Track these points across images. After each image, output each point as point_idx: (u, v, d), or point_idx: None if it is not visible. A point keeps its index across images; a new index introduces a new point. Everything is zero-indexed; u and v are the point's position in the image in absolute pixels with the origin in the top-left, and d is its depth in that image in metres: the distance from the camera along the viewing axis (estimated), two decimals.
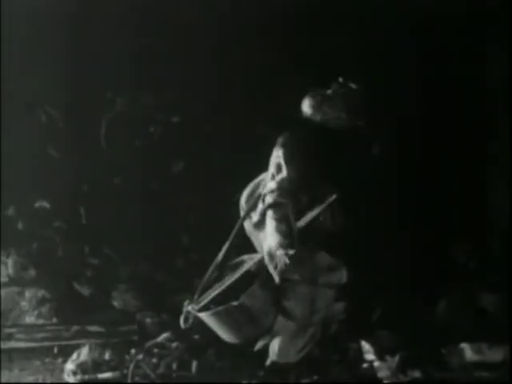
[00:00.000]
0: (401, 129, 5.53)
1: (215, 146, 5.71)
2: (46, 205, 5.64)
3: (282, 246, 3.90)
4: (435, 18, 5.54)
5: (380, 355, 4.34)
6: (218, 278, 4.15)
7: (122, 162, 5.71)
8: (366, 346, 4.47)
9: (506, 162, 5.46)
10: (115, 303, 5.43)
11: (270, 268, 3.95)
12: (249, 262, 4.16)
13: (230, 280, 4.11)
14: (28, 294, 5.37)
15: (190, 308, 4.08)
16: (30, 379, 4.35)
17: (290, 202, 4.03)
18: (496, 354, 4.33)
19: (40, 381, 4.33)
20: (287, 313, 4.10)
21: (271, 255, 3.93)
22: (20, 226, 5.59)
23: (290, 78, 5.38)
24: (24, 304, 5.34)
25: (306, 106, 4.24)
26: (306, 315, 4.10)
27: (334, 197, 4.06)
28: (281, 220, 3.99)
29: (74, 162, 5.67)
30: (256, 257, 4.15)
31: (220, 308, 3.98)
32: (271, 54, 5.59)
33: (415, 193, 5.48)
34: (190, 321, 4.08)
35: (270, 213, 4.04)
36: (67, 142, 5.73)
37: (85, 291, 5.47)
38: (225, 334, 4.07)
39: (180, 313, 4.13)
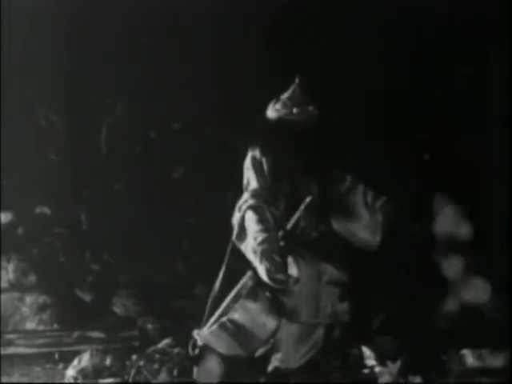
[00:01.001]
0: (400, 128, 5.54)
1: (215, 152, 5.72)
2: (46, 210, 5.64)
3: (263, 241, 3.93)
4: (435, 17, 5.55)
5: (381, 361, 4.34)
6: (220, 302, 4.15)
7: (122, 167, 5.71)
8: (366, 351, 4.47)
9: (506, 162, 5.47)
10: (116, 309, 5.42)
11: (259, 269, 3.95)
12: (244, 277, 4.16)
13: (228, 298, 4.12)
14: (29, 299, 5.36)
15: (195, 334, 4.10)
16: None
17: (265, 206, 4.07)
18: (497, 360, 4.34)
19: None
20: (290, 314, 4.10)
21: (254, 253, 3.95)
22: (20, 231, 5.60)
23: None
24: (25, 310, 5.33)
25: (269, 112, 4.27)
26: (311, 315, 4.10)
27: (309, 199, 4.06)
28: (259, 220, 4.02)
29: (75, 167, 5.67)
30: (250, 269, 4.16)
31: (214, 327, 4.00)
32: (273, 58, 5.60)
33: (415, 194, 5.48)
34: (197, 350, 4.11)
35: (247, 216, 4.08)
36: (67, 147, 5.73)
37: (86, 297, 5.46)
38: (228, 352, 4.08)
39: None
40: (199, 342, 4.09)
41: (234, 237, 4.20)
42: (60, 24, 5.53)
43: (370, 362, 4.39)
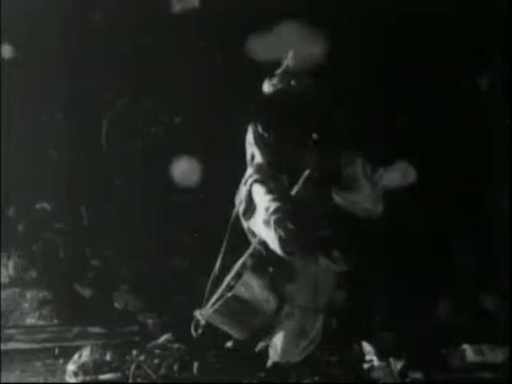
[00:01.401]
0: (400, 127, 5.53)
1: (217, 146, 5.71)
2: (46, 206, 5.64)
3: (277, 210, 3.91)
4: (435, 18, 5.53)
5: (382, 357, 4.34)
6: (220, 281, 4.16)
7: (123, 162, 5.71)
8: (366, 346, 4.47)
9: (506, 162, 5.46)
10: (116, 304, 5.43)
11: (270, 240, 3.94)
12: (244, 256, 4.15)
13: (228, 277, 4.12)
14: (29, 295, 5.37)
15: (197, 314, 4.10)
16: (31, 380, 4.35)
17: (270, 180, 4.07)
18: (497, 355, 4.34)
19: (41, 381, 4.34)
20: (289, 299, 4.10)
21: (267, 223, 3.94)
22: (20, 227, 5.60)
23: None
24: (25, 305, 5.34)
25: (265, 87, 4.28)
26: (309, 300, 4.10)
27: (307, 172, 4.06)
28: (268, 191, 4.02)
29: (75, 162, 5.66)
30: (250, 248, 4.15)
31: (218, 304, 4.00)
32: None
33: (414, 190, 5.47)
34: (200, 330, 4.11)
35: (255, 189, 4.07)
36: (68, 143, 5.72)
37: (86, 292, 5.47)
38: (232, 330, 4.09)
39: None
40: (202, 322, 4.09)
41: (240, 213, 4.18)
42: (60, 22, 5.53)
43: (370, 357, 4.39)
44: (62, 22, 5.56)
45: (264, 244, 4.04)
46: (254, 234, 4.19)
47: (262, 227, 3.99)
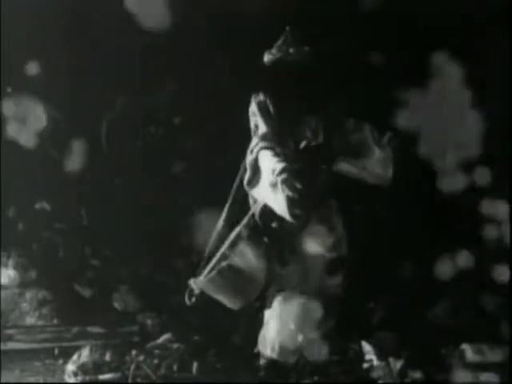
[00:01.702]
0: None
1: (216, 147, 5.71)
2: (46, 206, 5.65)
3: (284, 170, 3.89)
4: (435, 17, 5.54)
5: (382, 357, 4.34)
6: (216, 250, 4.16)
7: (122, 162, 5.71)
8: (366, 346, 4.47)
9: (506, 162, 5.46)
10: (116, 304, 5.43)
11: (277, 204, 3.92)
12: (239, 226, 4.16)
13: (224, 246, 4.12)
14: (28, 295, 5.37)
15: (192, 283, 4.10)
16: (31, 380, 4.35)
17: (277, 147, 4.06)
18: (496, 355, 4.33)
19: (41, 381, 4.34)
20: (281, 280, 4.13)
21: (274, 185, 3.91)
22: (20, 227, 5.60)
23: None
24: (24, 305, 5.34)
25: (265, 58, 4.29)
26: (300, 283, 4.11)
27: (303, 143, 4.06)
28: (274, 155, 4.01)
29: (75, 162, 5.66)
30: (245, 218, 4.16)
31: (213, 273, 4.01)
32: None
33: (414, 192, 5.47)
34: (194, 298, 4.11)
35: (262, 155, 4.07)
36: (68, 143, 5.73)
37: (85, 292, 5.47)
38: (227, 300, 4.10)
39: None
40: (196, 291, 4.10)
41: (244, 182, 4.16)
42: (60, 22, 5.53)
43: (370, 356, 4.39)
44: (62, 22, 5.56)
45: (261, 213, 4.06)
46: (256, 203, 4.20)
47: (269, 191, 3.96)
